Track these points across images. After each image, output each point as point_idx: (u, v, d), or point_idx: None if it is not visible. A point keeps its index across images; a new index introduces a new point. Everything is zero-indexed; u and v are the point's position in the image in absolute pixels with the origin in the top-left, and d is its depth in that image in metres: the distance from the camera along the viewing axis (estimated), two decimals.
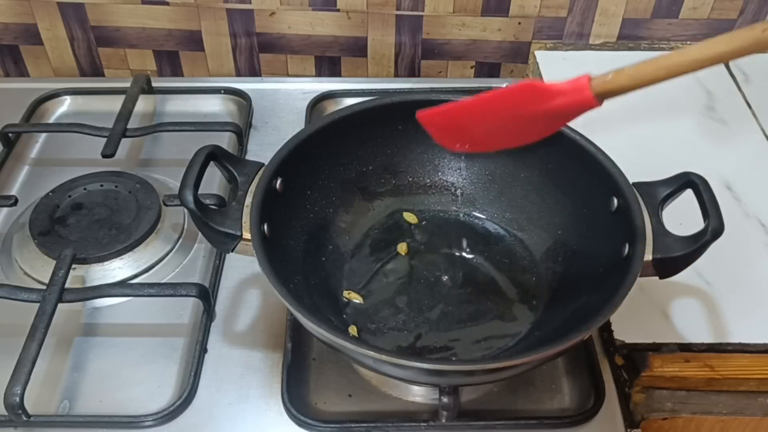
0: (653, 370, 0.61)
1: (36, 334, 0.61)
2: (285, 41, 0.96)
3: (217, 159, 0.60)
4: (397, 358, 0.51)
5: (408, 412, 0.61)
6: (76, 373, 0.64)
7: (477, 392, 0.62)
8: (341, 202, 0.70)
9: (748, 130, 0.85)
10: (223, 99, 0.93)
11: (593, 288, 0.58)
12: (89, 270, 0.71)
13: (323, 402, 0.62)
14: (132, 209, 0.75)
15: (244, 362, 0.64)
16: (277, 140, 0.61)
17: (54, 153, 0.86)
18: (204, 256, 0.74)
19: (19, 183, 0.83)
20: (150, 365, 0.64)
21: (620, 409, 0.61)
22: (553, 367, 0.64)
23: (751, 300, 0.67)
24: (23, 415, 0.58)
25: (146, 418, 0.59)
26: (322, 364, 0.64)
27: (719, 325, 0.65)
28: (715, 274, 0.68)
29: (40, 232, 0.72)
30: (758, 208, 0.75)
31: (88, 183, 0.78)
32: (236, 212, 0.59)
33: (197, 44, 0.97)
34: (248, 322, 0.68)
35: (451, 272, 0.69)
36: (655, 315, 0.66)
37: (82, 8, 0.93)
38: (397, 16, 0.93)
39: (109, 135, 0.82)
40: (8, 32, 0.96)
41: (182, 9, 0.93)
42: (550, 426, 0.60)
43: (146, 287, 0.67)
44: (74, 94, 0.93)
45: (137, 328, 0.68)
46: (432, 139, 0.56)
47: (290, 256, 0.64)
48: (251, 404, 0.61)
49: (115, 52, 0.98)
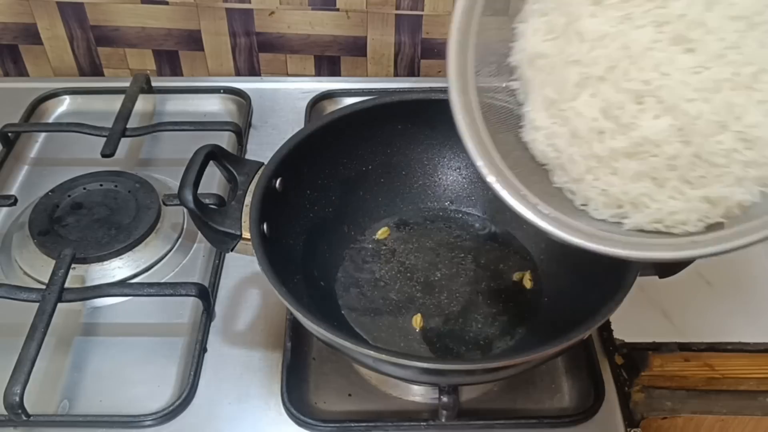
0: (653, 370, 0.61)
1: (36, 333, 0.61)
2: (284, 41, 0.96)
3: (216, 158, 0.60)
4: (396, 357, 0.51)
5: (408, 411, 0.61)
6: (75, 373, 0.64)
7: (477, 391, 0.62)
8: (341, 202, 0.70)
9: None
10: (222, 98, 0.93)
11: (593, 288, 0.58)
12: (89, 269, 0.71)
13: (323, 401, 0.62)
14: (131, 209, 0.75)
15: (244, 362, 0.64)
16: (276, 140, 0.60)
17: (53, 153, 0.86)
18: (203, 256, 0.74)
19: (19, 182, 0.83)
20: (150, 365, 0.64)
21: (620, 408, 0.61)
22: (553, 366, 0.64)
23: (751, 299, 0.67)
24: (23, 414, 0.58)
25: (146, 418, 0.59)
26: (322, 364, 0.64)
27: (719, 325, 0.65)
28: (716, 274, 0.68)
29: (40, 231, 0.72)
30: None
31: (87, 182, 0.78)
32: (236, 212, 0.59)
33: (197, 44, 0.97)
34: (248, 322, 0.68)
35: (450, 270, 0.69)
36: (655, 314, 0.66)
37: (81, 8, 0.93)
38: (397, 15, 0.93)
39: (108, 135, 0.81)
40: (7, 32, 0.96)
41: (182, 8, 0.93)
42: (550, 425, 0.60)
43: (146, 287, 0.67)
44: (74, 94, 0.93)
45: (137, 327, 0.68)
46: (431, 139, 0.55)
47: (290, 256, 0.64)
48: (251, 404, 0.61)
49: (115, 51, 0.98)
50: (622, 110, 0.46)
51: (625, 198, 0.48)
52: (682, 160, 0.45)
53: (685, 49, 0.44)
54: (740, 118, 0.43)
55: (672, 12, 0.44)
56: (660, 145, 0.45)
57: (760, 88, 0.43)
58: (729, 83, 0.43)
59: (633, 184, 0.47)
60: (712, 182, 0.45)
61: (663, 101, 0.45)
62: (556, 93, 0.49)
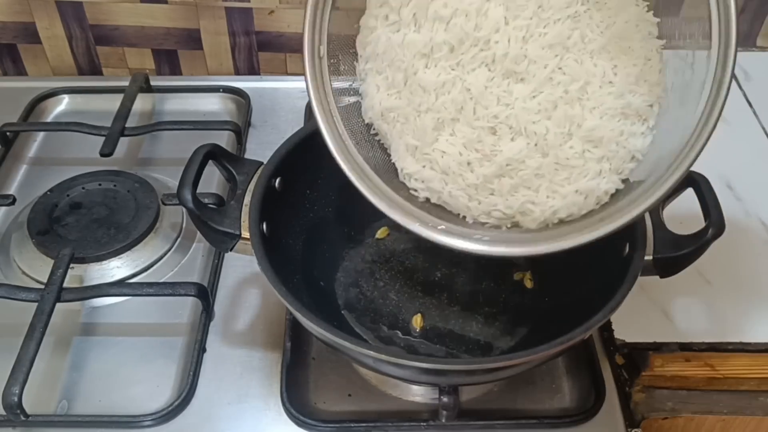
0: (654, 370, 0.61)
1: (34, 333, 0.61)
2: (284, 40, 0.96)
3: (215, 158, 0.60)
4: (396, 357, 0.51)
5: (408, 411, 0.61)
6: (74, 373, 0.64)
7: (477, 392, 0.62)
8: (341, 202, 0.70)
9: (749, 128, 0.85)
10: (221, 98, 0.93)
11: (593, 287, 0.58)
12: (88, 269, 0.71)
13: (323, 401, 0.62)
14: (130, 208, 0.75)
15: (243, 362, 0.64)
16: (276, 139, 0.60)
17: (52, 152, 0.86)
18: (203, 256, 0.74)
19: (18, 182, 0.82)
20: (149, 365, 0.64)
21: (620, 408, 0.61)
22: (553, 366, 0.64)
23: (751, 299, 0.67)
24: (22, 414, 0.58)
25: (145, 418, 0.59)
26: (322, 364, 0.64)
27: (720, 325, 0.65)
28: (716, 273, 0.68)
29: (39, 231, 0.72)
30: (759, 206, 0.75)
31: (86, 182, 0.78)
32: (235, 211, 0.58)
33: (196, 43, 0.96)
34: (247, 322, 0.68)
35: (450, 270, 0.68)
36: (656, 314, 0.66)
37: (80, 7, 0.93)
38: None
39: (107, 134, 0.81)
40: (6, 31, 0.96)
41: (181, 7, 0.93)
42: (550, 425, 0.59)
43: (145, 287, 0.67)
44: (72, 93, 0.92)
45: (136, 327, 0.67)
46: None
47: (289, 256, 0.64)
48: (250, 404, 0.61)
49: (114, 50, 0.98)
50: (482, 143, 0.53)
51: (512, 211, 0.54)
52: (546, 169, 0.52)
53: (517, 80, 0.52)
54: (580, 125, 0.51)
55: (495, 52, 0.51)
56: (523, 160, 0.52)
57: (589, 97, 0.51)
58: (562, 100, 0.51)
59: (513, 197, 0.53)
60: (578, 178, 0.52)
61: (513, 127, 0.52)
62: (417, 139, 0.55)
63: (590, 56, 0.51)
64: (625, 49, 0.51)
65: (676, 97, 0.51)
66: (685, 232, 0.56)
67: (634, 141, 0.52)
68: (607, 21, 0.51)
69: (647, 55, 0.52)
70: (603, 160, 0.52)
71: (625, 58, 0.51)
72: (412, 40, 0.53)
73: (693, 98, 0.49)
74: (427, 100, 0.53)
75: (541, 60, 0.51)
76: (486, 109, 0.52)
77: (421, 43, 0.52)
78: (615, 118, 0.51)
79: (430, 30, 0.52)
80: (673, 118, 0.51)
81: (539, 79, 0.51)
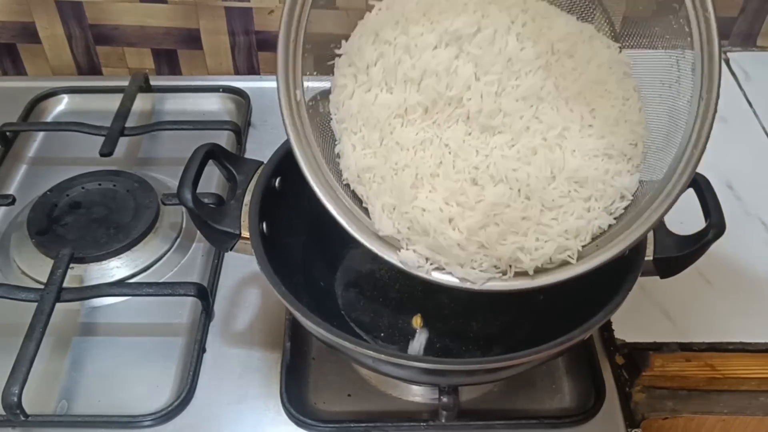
0: (654, 370, 0.61)
1: (34, 333, 0.61)
2: None
3: (215, 157, 0.60)
4: (396, 357, 0.51)
5: (408, 411, 0.61)
6: (74, 373, 0.64)
7: (477, 392, 0.62)
8: None
9: (749, 128, 0.85)
10: (221, 97, 0.93)
11: (594, 287, 0.58)
12: (87, 269, 0.70)
13: (322, 402, 0.62)
14: (130, 208, 0.75)
15: (243, 362, 0.64)
16: (275, 139, 0.60)
17: (52, 152, 0.86)
18: (202, 255, 0.74)
19: (17, 182, 0.82)
20: (148, 365, 0.64)
21: (621, 408, 0.61)
22: (554, 366, 0.64)
23: (752, 299, 0.67)
24: (21, 414, 0.58)
25: (144, 418, 0.59)
26: (322, 364, 0.64)
27: (720, 325, 0.65)
28: (717, 274, 0.68)
29: (38, 231, 0.72)
30: (759, 207, 0.75)
31: (86, 182, 0.78)
32: (235, 211, 0.58)
33: (196, 42, 0.96)
34: (247, 322, 0.68)
35: None
36: (656, 314, 0.66)
37: (80, 6, 0.93)
38: None
39: (107, 134, 0.81)
40: (6, 31, 0.96)
41: (181, 7, 0.93)
42: (550, 426, 0.59)
43: (144, 286, 0.67)
44: (72, 93, 0.92)
45: (135, 327, 0.67)
46: None
47: (289, 255, 0.64)
48: (250, 404, 0.61)
49: (113, 50, 0.98)
50: (465, 195, 0.52)
51: (502, 263, 0.53)
52: (531, 211, 0.51)
53: (494, 133, 0.52)
54: (563, 167, 0.51)
55: (470, 109, 0.51)
56: (508, 204, 0.51)
57: (569, 141, 0.51)
58: (541, 146, 0.51)
59: (502, 246, 0.52)
60: (566, 218, 0.51)
61: (494, 176, 0.51)
62: (395, 198, 0.54)
63: (566, 102, 0.51)
64: (601, 92, 0.51)
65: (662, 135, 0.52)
66: (686, 233, 0.56)
67: (621, 180, 0.52)
68: (580, 68, 0.51)
69: (624, 95, 0.52)
70: (591, 199, 0.52)
71: (602, 100, 0.51)
72: (385, 101, 0.53)
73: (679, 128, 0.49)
74: (405, 156, 0.53)
75: (516, 112, 0.51)
76: (465, 161, 0.52)
77: (396, 104, 0.52)
78: (598, 158, 0.51)
79: (403, 91, 0.52)
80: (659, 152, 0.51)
81: (515, 129, 0.51)
